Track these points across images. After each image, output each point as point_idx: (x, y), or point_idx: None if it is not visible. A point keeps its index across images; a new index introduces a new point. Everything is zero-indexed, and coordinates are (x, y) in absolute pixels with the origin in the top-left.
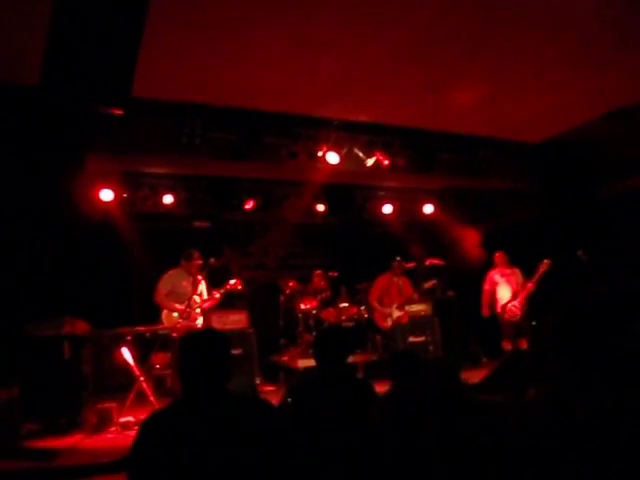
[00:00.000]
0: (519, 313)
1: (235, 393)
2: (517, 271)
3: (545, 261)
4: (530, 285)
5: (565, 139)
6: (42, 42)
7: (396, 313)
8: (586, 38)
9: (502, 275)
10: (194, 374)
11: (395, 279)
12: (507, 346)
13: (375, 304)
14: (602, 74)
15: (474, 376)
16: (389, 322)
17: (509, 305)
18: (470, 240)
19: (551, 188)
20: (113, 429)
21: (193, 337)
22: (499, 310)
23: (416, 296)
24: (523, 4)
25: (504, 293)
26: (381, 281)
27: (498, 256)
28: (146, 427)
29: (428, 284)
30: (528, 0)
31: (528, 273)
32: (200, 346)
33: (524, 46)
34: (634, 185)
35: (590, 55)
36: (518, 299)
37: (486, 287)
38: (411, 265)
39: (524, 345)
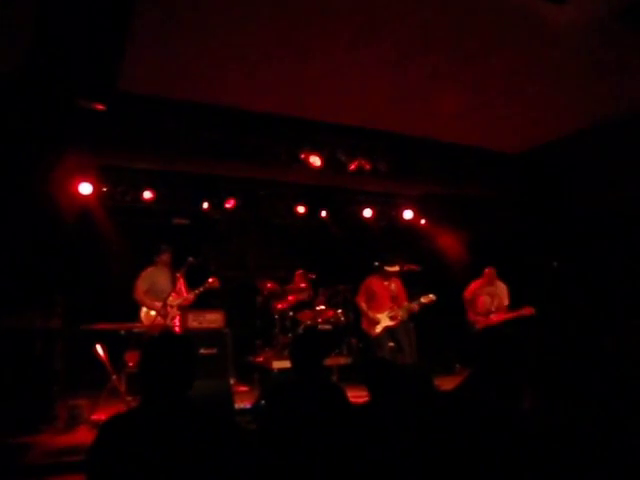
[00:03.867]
0: (481, 327)
1: (199, 400)
2: (502, 287)
3: (529, 308)
4: (508, 315)
5: (543, 151)
6: (27, 31)
7: (386, 321)
8: (568, 55)
9: (484, 290)
10: (152, 380)
11: (386, 283)
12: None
13: (363, 306)
14: (583, 90)
15: (447, 383)
16: (378, 329)
17: (480, 317)
18: (449, 247)
19: (529, 199)
20: (84, 426)
21: (153, 342)
22: (472, 318)
23: (414, 306)
24: (507, 20)
25: (482, 305)
26: (369, 283)
27: (488, 271)
28: (103, 431)
29: (426, 299)
30: (512, 16)
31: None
32: (159, 352)
33: (506, 59)
34: (610, 199)
35: (573, 71)
36: (495, 319)
37: (467, 295)
38: (395, 269)
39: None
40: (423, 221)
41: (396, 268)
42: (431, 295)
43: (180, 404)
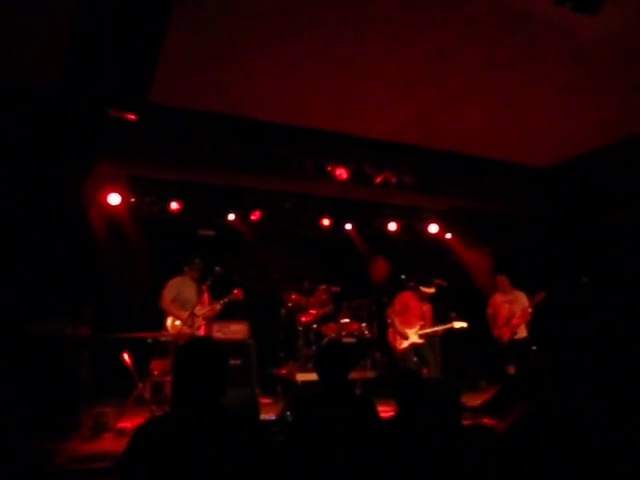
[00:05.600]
0: (508, 338)
1: (229, 408)
2: (521, 295)
3: (541, 292)
4: (529, 311)
5: (572, 165)
6: (62, 45)
7: (415, 338)
8: (599, 68)
9: (504, 299)
10: (186, 385)
11: (418, 303)
12: (511, 370)
13: (395, 319)
14: (612, 103)
15: (473, 400)
16: (405, 344)
17: (503, 329)
18: (475, 262)
19: (556, 214)
20: (109, 434)
21: (188, 347)
22: (497, 333)
23: (446, 329)
24: (536, 31)
25: (502, 317)
26: (405, 298)
27: (500, 280)
28: (137, 436)
29: (459, 326)
30: (543, 27)
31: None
32: (195, 357)
33: (536, 71)
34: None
35: (601, 84)
36: (512, 324)
37: (490, 311)
38: (431, 291)
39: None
40: (449, 235)
41: (432, 290)
42: (464, 323)
43: (213, 411)
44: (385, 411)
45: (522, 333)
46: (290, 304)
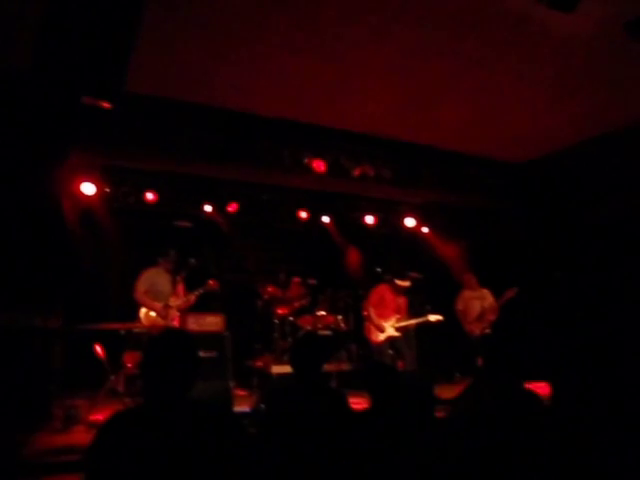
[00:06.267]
0: (479, 332)
1: (199, 401)
2: (487, 293)
3: (512, 288)
4: (496, 308)
5: (548, 161)
6: (36, 28)
7: (391, 331)
8: (575, 64)
9: (473, 295)
10: (153, 378)
11: (394, 295)
12: (480, 362)
13: (372, 312)
14: (589, 99)
15: (447, 392)
16: (381, 337)
17: (475, 324)
18: (452, 256)
19: (533, 209)
20: (81, 427)
21: (157, 339)
22: (468, 328)
23: (421, 322)
24: (515, 27)
25: (472, 314)
26: (381, 291)
27: (467, 278)
28: (103, 430)
29: (434, 319)
30: (520, 24)
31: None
32: (163, 349)
33: (514, 67)
34: (615, 209)
35: (577, 80)
36: (484, 320)
37: (459, 307)
38: (407, 284)
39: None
40: (425, 229)
41: (407, 283)
42: (439, 316)
43: (182, 403)
44: (360, 403)
45: (487, 329)
46: (266, 296)
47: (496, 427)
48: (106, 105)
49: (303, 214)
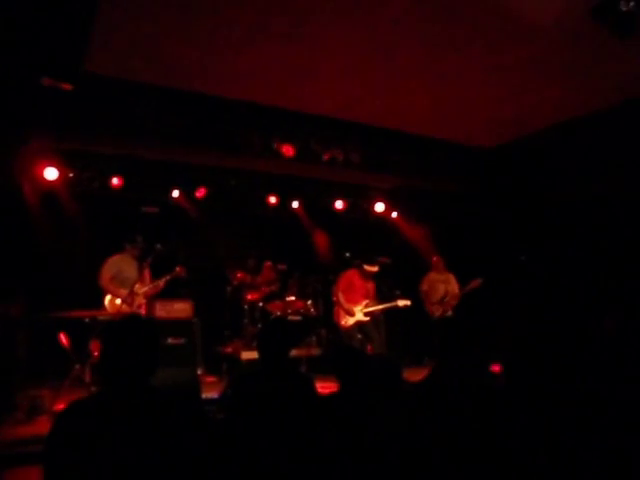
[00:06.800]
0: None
1: (161, 389)
2: (452, 277)
3: (477, 279)
4: (457, 295)
5: (515, 146)
6: None
7: (360, 316)
8: (542, 49)
9: (438, 278)
10: (111, 365)
11: (363, 281)
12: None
13: (341, 297)
14: (554, 85)
15: (416, 375)
16: (350, 322)
17: (436, 306)
18: (418, 240)
19: (499, 193)
20: (45, 417)
21: (114, 325)
22: (429, 308)
23: (383, 307)
24: (482, 12)
25: (436, 296)
26: (350, 276)
27: (435, 260)
28: (61, 418)
29: (402, 304)
30: (486, 8)
31: (470, 276)
32: (119, 336)
33: (481, 53)
34: (579, 194)
35: (544, 65)
36: (445, 303)
37: (424, 288)
38: (375, 269)
39: None
40: (394, 214)
41: (375, 268)
42: (408, 301)
43: (142, 391)
44: (329, 387)
45: (450, 312)
46: (235, 282)
47: (458, 408)
48: (66, 86)
49: (272, 199)
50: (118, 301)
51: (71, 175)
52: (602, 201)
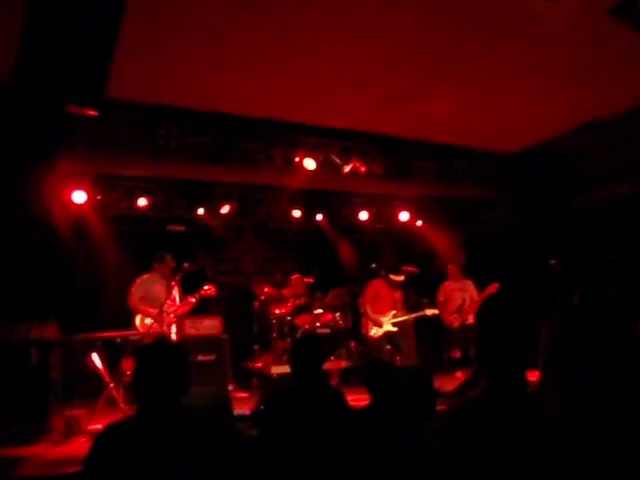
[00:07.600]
0: (459, 324)
1: (193, 409)
2: (470, 283)
3: (494, 283)
4: (477, 300)
5: (540, 150)
6: (15, 38)
7: (388, 326)
8: (563, 51)
9: (455, 287)
10: (144, 387)
11: (389, 290)
12: (457, 354)
13: (368, 308)
14: (577, 87)
15: (448, 384)
16: (379, 333)
17: (454, 315)
18: (446, 249)
19: (525, 198)
20: (81, 437)
21: (144, 349)
22: (447, 319)
23: (411, 317)
24: (500, 16)
25: (452, 305)
26: (376, 286)
27: (450, 268)
28: (99, 440)
29: (430, 313)
30: (505, 12)
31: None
32: (150, 359)
33: (501, 57)
34: (607, 196)
35: (566, 68)
36: (463, 311)
37: (440, 299)
38: (401, 279)
39: (472, 353)
40: (419, 223)
41: (401, 278)
42: (436, 310)
43: (175, 411)
44: (360, 400)
45: (470, 319)
46: (263, 297)
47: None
48: (92, 113)
49: (296, 213)
50: (148, 320)
51: (99, 197)
52: (632, 202)
